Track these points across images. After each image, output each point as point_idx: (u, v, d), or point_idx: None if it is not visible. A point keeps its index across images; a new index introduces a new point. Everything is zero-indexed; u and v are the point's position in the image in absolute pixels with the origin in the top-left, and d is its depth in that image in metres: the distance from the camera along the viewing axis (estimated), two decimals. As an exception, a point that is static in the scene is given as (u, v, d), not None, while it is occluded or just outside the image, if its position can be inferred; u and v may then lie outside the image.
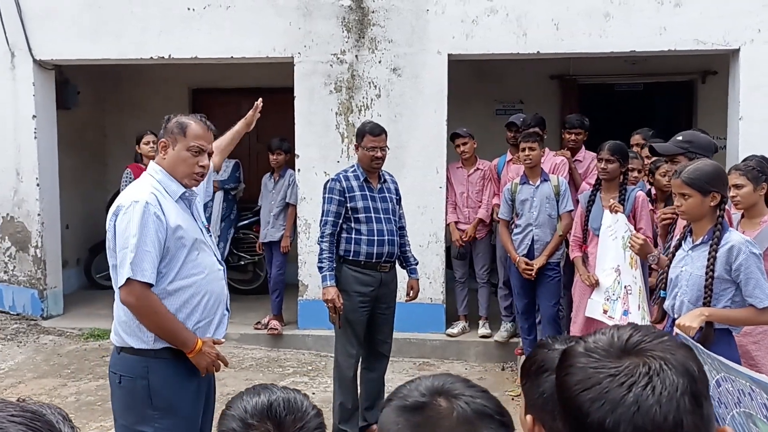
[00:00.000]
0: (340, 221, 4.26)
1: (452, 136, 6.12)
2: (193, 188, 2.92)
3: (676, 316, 3.01)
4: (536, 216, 5.04)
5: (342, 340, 4.37)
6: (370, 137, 4.28)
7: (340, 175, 4.34)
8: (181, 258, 2.74)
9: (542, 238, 5.03)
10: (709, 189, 2.93)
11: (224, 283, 2.94)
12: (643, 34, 5.84)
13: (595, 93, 8.10)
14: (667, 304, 3.08)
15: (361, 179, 4.30)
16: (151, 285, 2.68)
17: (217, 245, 3.11)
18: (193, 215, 2.88)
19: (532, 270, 4.95)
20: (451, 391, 1.12)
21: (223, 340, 2.91)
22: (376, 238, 4.25)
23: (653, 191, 4.79)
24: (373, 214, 4.27)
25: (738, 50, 5.77)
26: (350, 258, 4.27)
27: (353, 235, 4.25)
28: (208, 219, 7.02)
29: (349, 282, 4.26)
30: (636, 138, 5.63)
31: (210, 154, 2.87)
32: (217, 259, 2.91)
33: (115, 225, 2.72)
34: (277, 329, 6.35)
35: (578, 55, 6.24)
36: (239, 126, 3.57)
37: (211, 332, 2.85)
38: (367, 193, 4.30)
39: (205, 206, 3.35)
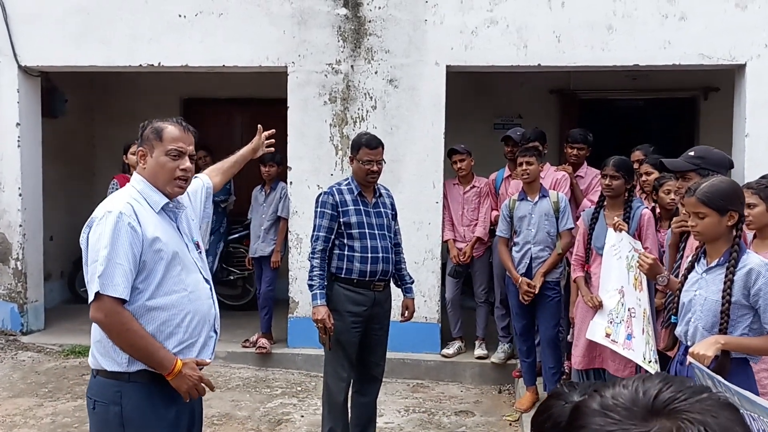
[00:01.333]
0: (333, 237, 4.05)
1: (449, 152, 5.94)
2: (181, 201, 2.74)
3: (689, 343, 2.80)
4: (534, 233, 4.84)
5: (332, 362, 4.14)
6: (366, 150, 4.08)
7: (334, 189, 4.13)
8: (159, 273, 2.54)
9: (541, 256, 4.83)
10: (726, 207, 2.74)
11: (212, 303, 2.72)
12: (647, 47, 5.69)
13: (596, 108, 7.95)
14: (679, 331, 2.88)
15: (356, 193, 4.10)
16: (124, 301, 2.47)
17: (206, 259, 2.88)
18: (179, 229, 2.68)
19: (532, 294, 4.74)
20: None
21: (208, 360, 2.68)
22: (369, 255, 4.04)
23: (657, 209, 4.61)
24: (367, 230, 4.06)
25: (744, 65, 5.62)
26: (342, 276, 4.05)
27: (346, 252, 4.04)
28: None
29: (340, 301, 4.04)
30: (636, 154, 5.45)
31: (192, 157, 2.67)
32: (204, 278, 2.70)
33: (88, 237, 2.55)
34: (265, 348, 6.12)
35: (580, 68, 6.08)
36: (245, 151, 3.37)
37: (194, 354, 2.63)
38: (362, 207, 4.09)
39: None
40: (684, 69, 5.99)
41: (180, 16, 6.12)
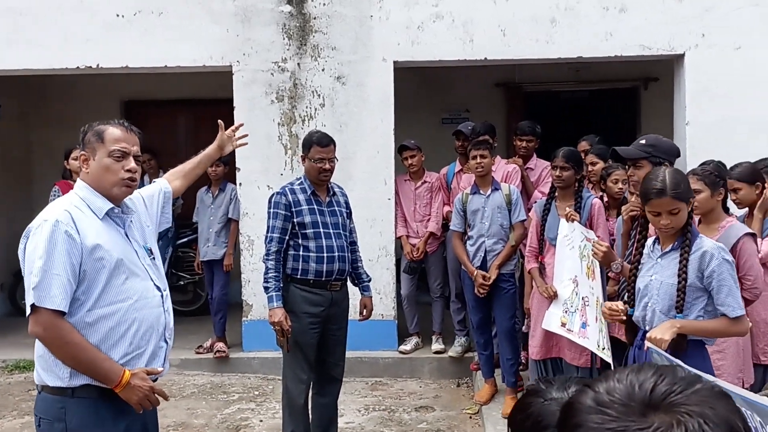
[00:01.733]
0: (287, 237, 3.99)
1: (400, 149, 5.92)
2: (132, 206, 2.64)
3: (647, 327, 2.85)
4: (488, 226, 4.86)
5: (291, 364, 4.07)
6: (318, 148, 4.02)
7: (286, 189, 4.06)
8: (101, 282, 2.42)
9: (495, 249, 4.86)
10: (689, 197, 2.81)
11: (162, 311, 2.61)
12: (589, 39, 5.78)
13: (541, 100, 8.05)
14: (636, 316, 2.92)
15: (309, 192, 4.04)
16: (63, 312, 2.35)
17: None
18: (127, 235, 2.57)
19: (486, 287, 4.77)
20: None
21: (160, 369, 2.58)
22: (325, 254, 3.99)
23: (605, 198, 4.69)
24: (322, 230, 4.01)
25: (683, 55, 5.77)
26: (298, 277, 3.99)
27: (301, 252, 3.98)
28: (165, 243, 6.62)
29: (297, 302, 3.98)
30: (582, 145, 5.53)
31: (137, 158, 2.56)
32: (156, 285, 2.60)
33: (25, 248, 2.43)
34: (224, 351, 6.01)
35: (525, 62, 6.14)
36: (210, 150, 3.21)
37: (142, 365, 2.52)
38: (315, 207, 4.03)
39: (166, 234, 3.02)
40: (625, 60, 6.11)
41: (118, 15, 5.93)
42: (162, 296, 2.62)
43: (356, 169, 5.86)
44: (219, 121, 3.29)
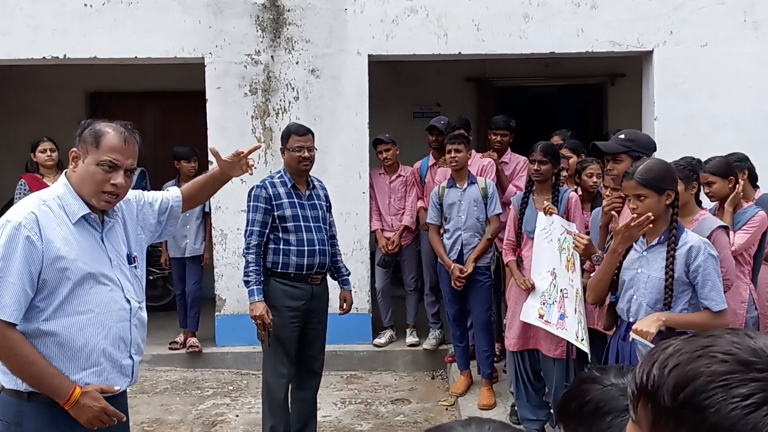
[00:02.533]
0: (267, 231, 3.96)
1: (374, 142, 5.93)
2: (120, 209, 2.49)
3: (631, 319, 2.91)
4: (464, 220, 4.90)
5: (271, 358, 4.05)
6: (296, 137, 4.02)
7: (266, 182, 4.03)
8: (62, 293, 2.29)
9: (471, 242, 4.90)
10: (663, 187, 2.86)
11: (130, 325, 2.45)
12: (561, 35, 5.85)
13: (510, 95, 8.13)
14: (620, 307, 2.98)
15: (289, 186, 4.02)
16: (14, 324, 2.23)
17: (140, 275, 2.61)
18: (103, 241, 2.42)
19: (463, 281, 4.81)
20: None
21: (117, 389, 2.41)
22: (306, 248, 3.97)
23: (579, 192, 4.77)
24: (302, 223, 3.99)
25: (651, 52, 5.88)
26: (279, 270, 3.97)
27: (281, 246, 3.96)
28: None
29: (278, 296, 3.96)
30: (555, 139, 5.59)
31: (130, 171, 2.41)
32: (126, 297, 2.43)
33: None
34: (198, 346, 5.96)
35: (499, 57, 6.19)
36: (215, 173, 2.82)
37: (100, 381, 2.38)
38: (296, 200, 4.02)
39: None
40: (595, 56, 6.21)
41: (86, 5, 5.79)
42: (132, 309, 2.46)
43: (331, 162, 5.85)
44: (212, 148, 2.97)
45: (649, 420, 0.82)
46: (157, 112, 7.91)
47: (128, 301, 2.45)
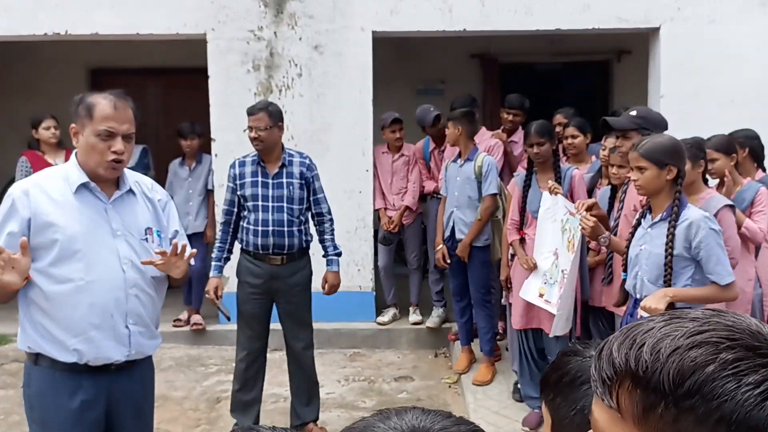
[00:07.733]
0: (235, 209, 4.09)
1: (392, 122, 5.86)
2: (123, 184, 2.55)
3: (638, 296, 2.91)
4: (457, 196, 4.88)
5: (238, 330, 4.23)
6: (249, 117, 4.05)
7: (237, 160, 4.15)
8: (48, 258, 2.39)
9: (462, 219, 4.87)
10: (665, 162, 2.85)
11: (126, 295, 2.46)
12: (567, 11, 5.78)
13: (515, 72, 8.06)
14: (628, 284, 2.99)
15: (257, 164, 4.06)
16: None
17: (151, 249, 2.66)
18: (107, 211, 2.48)
19: (445, 265, 4.95)
20: None
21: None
22: (260, 228, 4.01)
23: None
24: (260, 203, 4.01)
25: (658, 29, 5.81)
26: (244, 248, 4.13)
27: (245, 224, 4.09)
28: None
29: (242, 272, 4.15)
30: (558, 118, 5.55)
31: (128, 137, 2.47)
32: (122, 267, 2.45)
33: None
34: (202, 324, 5.99)
35: (504, 33, 6.11)
36: None
37: (95, 351, 2.43)
38: (260, 179, 4.03)
39: None
40: (600, 33, 6.13)
41: (87, -20, 5.73)
42: (125, 278, 2.46)
43: (334, 139, 5.82)
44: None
45: (638, 408, 0.75)
46: (159, 89, 7.86)
47: (124, 270, 2.47)
